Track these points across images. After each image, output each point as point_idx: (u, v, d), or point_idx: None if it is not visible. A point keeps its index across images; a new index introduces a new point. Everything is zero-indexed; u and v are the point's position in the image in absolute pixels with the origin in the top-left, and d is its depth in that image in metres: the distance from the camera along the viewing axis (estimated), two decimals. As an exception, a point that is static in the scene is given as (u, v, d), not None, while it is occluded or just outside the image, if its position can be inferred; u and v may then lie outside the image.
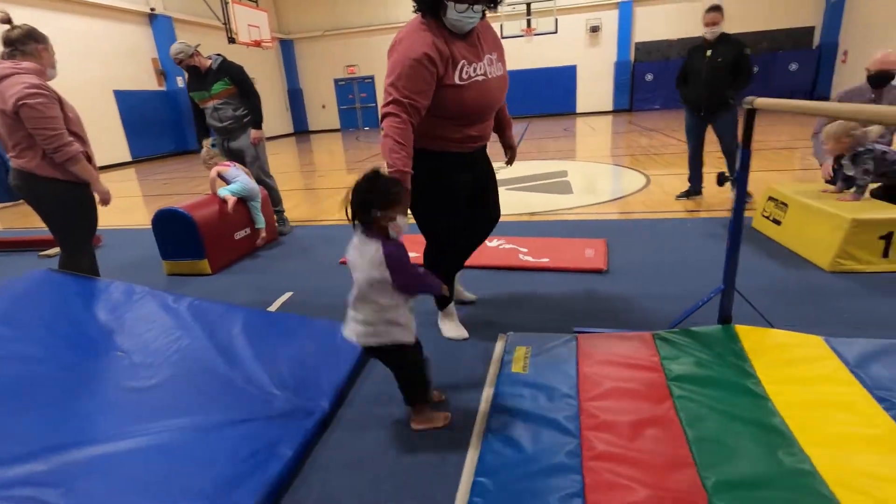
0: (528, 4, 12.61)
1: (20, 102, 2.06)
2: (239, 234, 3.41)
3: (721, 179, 1.69)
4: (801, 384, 1.57)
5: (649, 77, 15.28)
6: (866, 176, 2.69)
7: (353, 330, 1.46)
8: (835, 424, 1.40)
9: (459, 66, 1.70)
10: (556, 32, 13.08)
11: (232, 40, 10.94)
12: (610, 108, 15.81)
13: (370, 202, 1.36)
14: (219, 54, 3.78)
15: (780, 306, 2.18)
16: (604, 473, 1.29)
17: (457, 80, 1.70)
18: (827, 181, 3.05)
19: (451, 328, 2.16)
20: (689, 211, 3.87)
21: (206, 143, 3.64)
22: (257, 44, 11.67)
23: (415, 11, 1.73)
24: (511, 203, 4.39)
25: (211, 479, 1.30)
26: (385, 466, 1.44)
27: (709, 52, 3.76)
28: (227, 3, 10.75)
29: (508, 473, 1.33)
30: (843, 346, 1.72)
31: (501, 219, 2.19)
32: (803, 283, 2.42)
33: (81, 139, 2.29)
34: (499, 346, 1.98)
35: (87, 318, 1.96)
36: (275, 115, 16.86)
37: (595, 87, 15.59)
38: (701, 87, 3.79)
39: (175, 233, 3.08)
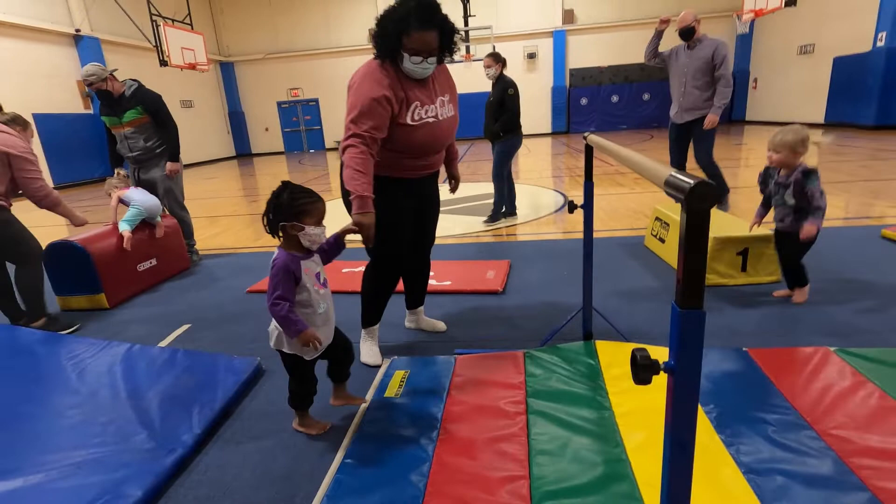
0: (467, 32, 13.07)
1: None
2: (142, 266, 3.31)
3: (571, 207, 1.83)
4: (641, 393, 1.70)
5: (584, 101, 16.10)
6: (822, 197, 2.24)
7: (269, 332, 1.60)
8: (660, 431, 1.53)
9: (412, 108, 1.82)
10: (493, 59, 13.54)
11: (164, 63, 10.70)
12: (549, 130, 16.50)
13: (277, 214, 1.48)
14: (134, 80, 3.65)
15: (648, 320, 2.36)
16: (444, 499, 1.34)
17: (409, 121, 1.83)
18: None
19: (369, 353, 2.15)
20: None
21: (121, 171, 3.53)
22: (192, 66, 11.45)
23: (375, 57, 1.83)
24: (431, 226, 4.49)
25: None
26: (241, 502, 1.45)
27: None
28: (158, 26, 10.54)
29: (356, 499, 1.37)
30: (687, 356, 1.88)
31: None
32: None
33: None
34: (380, 371, 2.03)
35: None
36: (215, 138, 16.48)
37: (534, 111, 16.22)
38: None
39: (69, 267, 2.96)
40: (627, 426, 1.55)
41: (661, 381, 1.75)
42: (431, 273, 3.12)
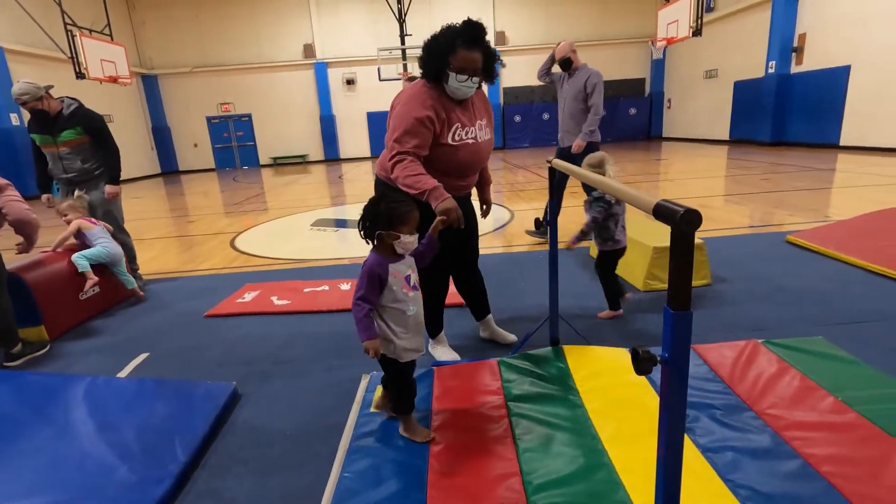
0: (404, 50, 13.30)
1: None
2: (85, 294, 3.12)
3: (537, 225, 2.01)
4: (608, 390, 1.89)
5: (518, 118, 16.83)
6: (593, 223, 2.49)
7: None
8: (628, 421, 1.71)
9: (453, 129, 1.94)
10: (430, 77, 13.85)
11: (81, 75, 9.99)
12: (486, 145, 17.04)
13: (375, 223, 1.53)
14: (74, 98, 3.45)
15: (604, 324, 2.58)
16: (448, 501, 1.43)
17: (450, 141, 1.94)
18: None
19: (445, 353, 2.33)
20: (540, 243, 4.34)
21: (78, 194, 3.36)
22: (113, 80, 10.77)
23: (421, 77, 1.97)
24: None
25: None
26: (239, 523, 1.45)
27: None
28: (74, 36, 9.84)
29: (360, 508, 1.43)
30: (642, 354, 2.10)
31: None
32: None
33: None
34: (361, 386, 2.08)
35: None
36: (138, 155, 15.49)
37: (471, 127, 16.73)
38: None
39: (2, 298, 2.74)
40: (599, 421, 1.72)
41: (625, 380, 1.95)
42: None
